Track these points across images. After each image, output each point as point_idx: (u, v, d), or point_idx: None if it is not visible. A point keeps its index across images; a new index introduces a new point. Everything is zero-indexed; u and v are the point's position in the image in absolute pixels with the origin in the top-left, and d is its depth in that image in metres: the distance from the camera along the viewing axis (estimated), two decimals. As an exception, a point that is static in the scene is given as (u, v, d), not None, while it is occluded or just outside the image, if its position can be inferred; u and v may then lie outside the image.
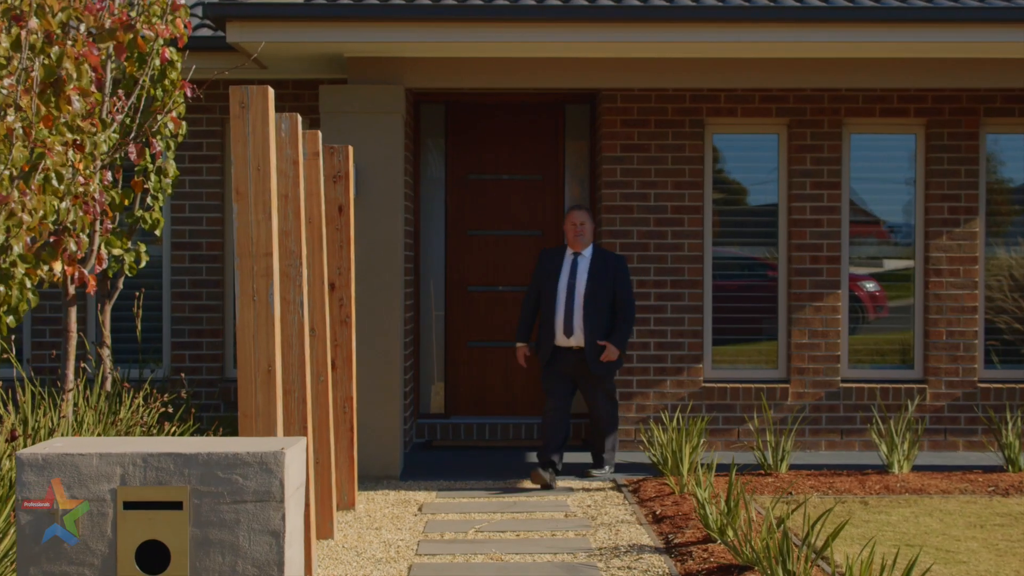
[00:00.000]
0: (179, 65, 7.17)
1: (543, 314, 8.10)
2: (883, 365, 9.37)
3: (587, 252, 8.08)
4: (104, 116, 6.39)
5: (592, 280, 7.96)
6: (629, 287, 8.10)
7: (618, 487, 7.86)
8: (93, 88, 6.09)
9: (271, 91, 4.78)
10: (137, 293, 8.26)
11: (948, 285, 9.16)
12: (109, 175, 6.58)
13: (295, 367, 5.51)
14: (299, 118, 5.55)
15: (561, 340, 7.99)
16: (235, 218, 4.68)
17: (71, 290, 6.82)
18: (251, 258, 4.68)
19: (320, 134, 6.44)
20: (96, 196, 6.37)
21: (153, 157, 7.31)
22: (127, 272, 7.55)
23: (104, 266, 6.85)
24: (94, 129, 6.09)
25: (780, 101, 9.12)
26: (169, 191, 7.59)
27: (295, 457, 3.79)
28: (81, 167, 6.00)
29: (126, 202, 7.33)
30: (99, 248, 6.86)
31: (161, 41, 6.88)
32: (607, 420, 8.10)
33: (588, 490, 7.79)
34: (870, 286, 9.51)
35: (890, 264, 9.49)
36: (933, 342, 9.16)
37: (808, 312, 9.12)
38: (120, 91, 6.54)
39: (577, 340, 7.96)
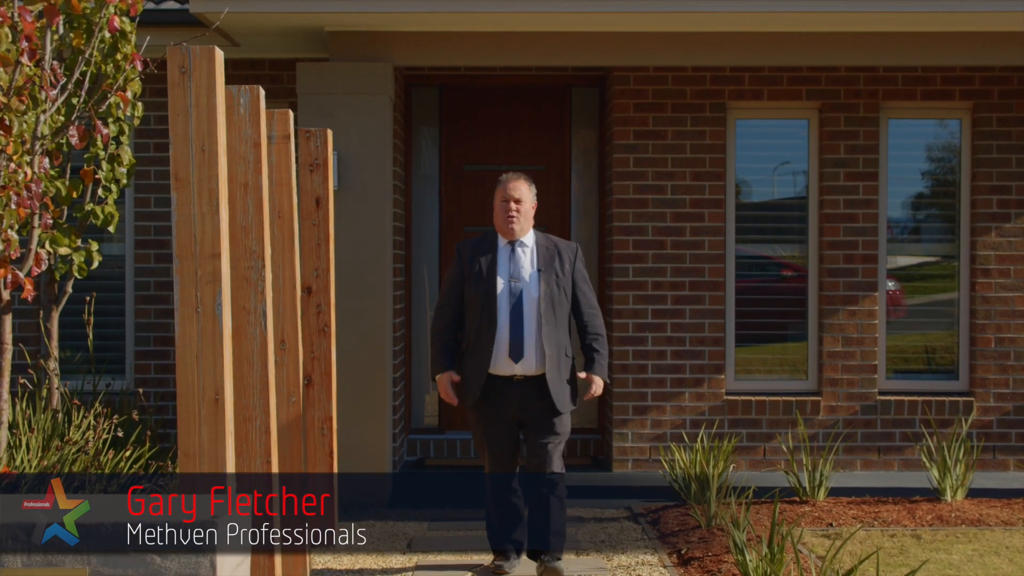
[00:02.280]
0: (133, 37, 6.24)
1: (471, 333, 5.64)
2: (923, 374, 8.46)
3: (528, 239, 5.71)
4: (37, 92, 5.46)
5: (545, 278, 5.61)
6: (590, 283, 5.82)
7: (634, 516, 6.95)
8: (24, 59, 5.19)
9: (219, 53, 3.86)
10: (88, 297, 7.33)
11: (997, 287, 8.25)
12: (47, 162, 5.65)
13: (256, 390, 4.60)
14: (261, 91, 4.63)
15: (504, 367, 5.53)
16: (174, 210, 3.78)
17: (5, 295, 5.89)
18: (193, 260, 3.77)
19: (291, 113, 5.53)
20: (33, 186, 5.46)
21: (103, 142, 6.38)
22: (76, 274, 6.62)
23: (43, 268, 5.91)
24: (23, 107, 5.18)
25: (811, 83, 8.20)
26: (125, 181, 6.67)
27: (235, 526, 2.87)
28: (10, 151, 5.09)
29: (75, 194, 6.42)
30: (38, 247, 5.93)
31: (111, 8, 5.96)
32: (561, 484, 5.61)
33: (600, 520, 6.88)
34: (889, 284, 8.56)
35: (930, 262, 8.58)
36: (980, 350, 8.24)
37: (842, 317, 8.20)
38: (55, 62, 5.60)
39: (528, 366, 5.53)
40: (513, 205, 5.64)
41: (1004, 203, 8.23)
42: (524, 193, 5.68)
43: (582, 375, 5.60)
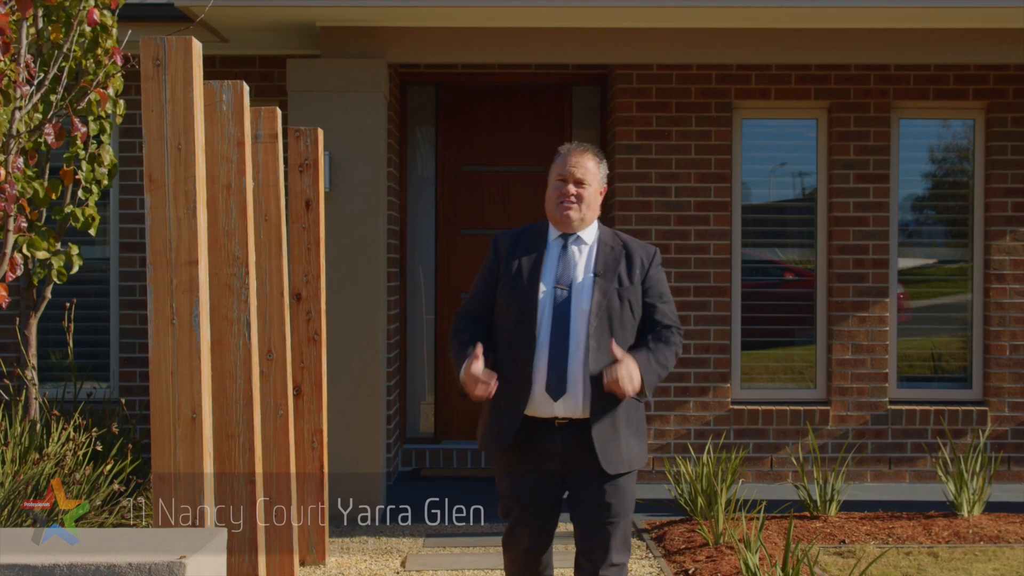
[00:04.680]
0: (114, 31, 5.95)
1: (501, 354, 4.08)
2: (935, 382, 8.19)
3: (589, 235, 4.11)
4: (10, 88, 5.18)
5: (600, 285, 3.99)
6: (671, 301, 4.16)
7: (638, 532, 6.67)
8: (-3, 53, 4.91)
9: (197, 44, 3.58)
10: (68, 303, 7.04)
11: (1012, 292, 7.98)
12: (21, 161, 5.36)
13: (239, 405, 4.32)
14: (245, 87, 4.36)
15: (541, 406, 3.96)
16: (147, 214, 3.49)
17: (-22, 302, 5.60)
18: (168, 268, 3.48)
19: (279, 111, 5.26)
20: (7, 187, 5.18)
21: (82, 141, 6.08)
22: (56, 279, 6.33)
23: (19, 272, 5.63)
24: (-7, 102, 4.91)
25: (820, 81, 7.93)
26: (106, 182, 6.37)
27: (206, 563, 2.59)
28: (-20, 150, 4.83)
29: (53, 196, 6.13)
30: (13, 251, 5.65)
31: (91, 1, 5.69)
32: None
33: (603, 536, 6.59)
34: (900, 289, 8.29)
35: (943, 267, 8.31)
36: (995, 357, 7.98)
37: (851, 323, 7.93)
38: (29, 56, 5.31)
39: (573, 406, 3.94)
40: (572, 188, 4.03)
41: (1019, 206, 7.96)
42: (589, 171, 4.06)
43: (619, 352, 3.88)
